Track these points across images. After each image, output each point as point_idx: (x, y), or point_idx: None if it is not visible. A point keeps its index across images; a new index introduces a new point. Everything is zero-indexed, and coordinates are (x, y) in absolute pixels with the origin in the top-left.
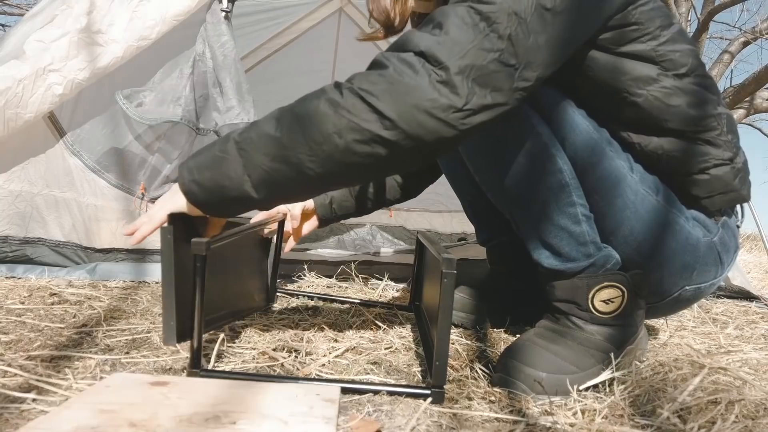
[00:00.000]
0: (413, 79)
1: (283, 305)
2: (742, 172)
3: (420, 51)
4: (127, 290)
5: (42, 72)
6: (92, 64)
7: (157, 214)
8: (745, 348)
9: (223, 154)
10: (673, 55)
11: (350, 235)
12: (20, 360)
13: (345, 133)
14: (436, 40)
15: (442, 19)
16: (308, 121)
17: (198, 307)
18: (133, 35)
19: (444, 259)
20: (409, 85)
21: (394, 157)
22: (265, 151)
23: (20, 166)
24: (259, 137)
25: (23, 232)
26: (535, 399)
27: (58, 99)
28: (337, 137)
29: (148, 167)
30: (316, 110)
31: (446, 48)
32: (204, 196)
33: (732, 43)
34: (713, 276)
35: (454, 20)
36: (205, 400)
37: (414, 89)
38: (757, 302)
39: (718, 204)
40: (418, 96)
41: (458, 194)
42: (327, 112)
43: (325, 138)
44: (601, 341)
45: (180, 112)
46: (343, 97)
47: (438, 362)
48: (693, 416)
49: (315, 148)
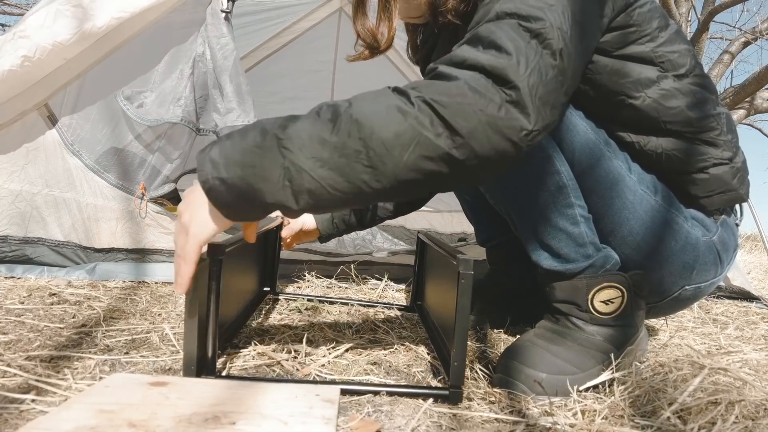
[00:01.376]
0: (485, 98)
1: (282, 306)
2: (741, 172)
3: (484, 69)
4: (126, 290)
5: (12, 37)
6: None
7: (190, 252)
8: (745, 348)
9: (260, 150)
10: (672, 55)
11: (350, 235)
12: (19, 360)
13: (412, 147)
14: (497, 59)
15: (493, 37)
16: (371, 127)
17: (213, 312)
18: (112, 7)
19: (461, 260)
20: (481, 103)
21: (454, 177)
22: (316, 155)
23: (20, 166)
24: (309, 138)
25: (23, 231)
26: (535, 399)
27: (20, 61)
28: (401, 149)
29: (147, 167)
30: (381, 116)
31: (512, 68)
32: (230, 198)
33: (732, 44)
34: (713, 275)
35: (508, 39)
36: (204, 400)
37: (487, 108)
38: (757, 303)
39: (716, 203)
40: (491, 115)
41: (458, 194)
42: (395, 119)
43: (388, 149)
44: (601, 342)
45: (180, 113)
46: (414, 105)
47: (456, 363)
48: (693, 417)
49: (374, 159)
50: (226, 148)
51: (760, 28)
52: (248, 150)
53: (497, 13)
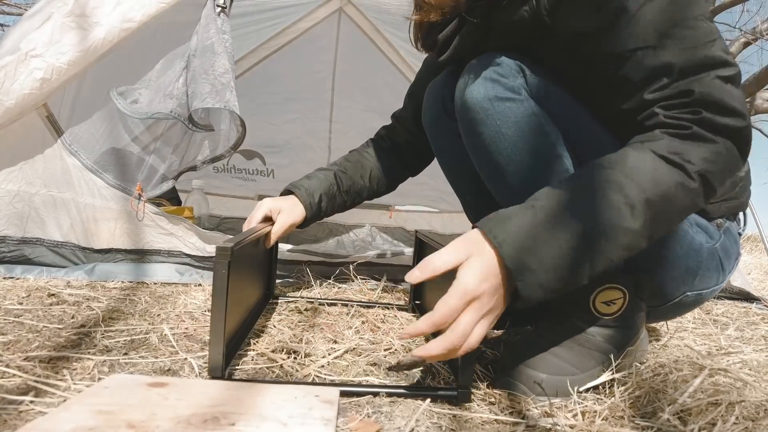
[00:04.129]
0: (736, 157)
1: (282, 307)
2: (743, 181)
3: (729, 133)
4: (125, 291)
5: (24, 57)
6: (74, 48)
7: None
8: (745, 349)
9: (576, 252)
10: None
11: (349, 236)
12: (18, 361)
13: (685, 216)
14: (736, 121)
15: (719, 98)
16: (665, 209)
17: (223, 313)
18: (117, 18)
19: None
20: (733, 162)
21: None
22: (623, 245)
23: (18, 166)
24: (613, 229)
25: (21, 232)
26: (535, 400)
27: (39, 84)
28: (679, 219)
29: (146, 167)
30: (672, 199)
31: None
32: (533, 274)
33: (732, 44)
34: (715, 282)
35: (727, 95)
36: (203, 401)
37: (734, 168)
38: (757, 303)
39: (720, 210)
40: (734, 171)
41: (458, 195)
42: (682, 201)
43: (669, 226)
44: (602, 342)
45: (170, 106)
46: (696, 182)
47: (464, 362)
48: (693, 418)
49: (654, 233)
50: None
51: (761, 29)
52: (567, 255)
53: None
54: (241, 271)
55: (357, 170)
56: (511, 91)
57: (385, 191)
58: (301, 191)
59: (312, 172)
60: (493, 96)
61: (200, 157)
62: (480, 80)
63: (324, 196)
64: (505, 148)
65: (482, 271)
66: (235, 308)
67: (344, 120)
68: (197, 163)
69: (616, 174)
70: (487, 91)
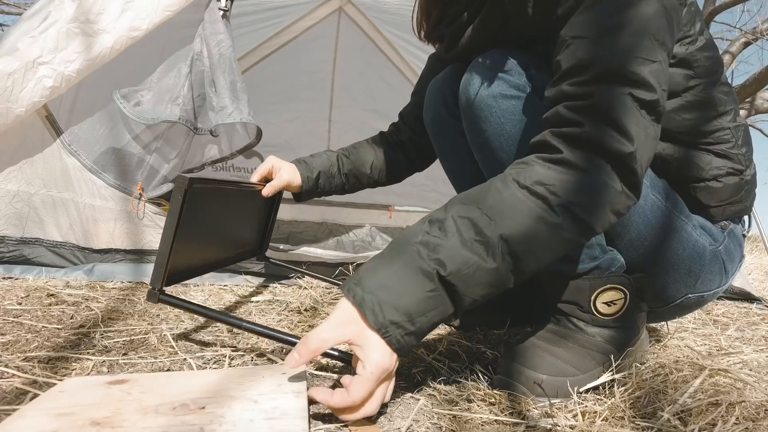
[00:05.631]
0: (612, 189)
1: (282, 307)
2: (749, 185)
3: (608, 154)
4: (124, 291)
5: (32, 65)
6: (82, 56)
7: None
8: (745, 350)
9: (435, 293)
10: (707, 61)
11: (349, 236)
12: (17, 361)
13: (557, 252)
14: (621, 143)
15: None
16: (527, 247)
17: (172, 235)
18: (124, 26)
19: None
20: (609, 196)
21: (566, 249)
22: (481, 282)
23: (17, 166)
24: (473, 270)
25: (20, 232)
26: (535, 401)
27: (48, 92)
28: (549, 255)
29: (146, 167)
30: (534, 235)
31: (636, 154)
32: (415, 341)
33: (733, 44)
34: (717, 285)
35: (629, 116)
36: (169, 391)
37: (613, 199)
38: (758, 304)
39: (725, 213)
40: (614, 203)
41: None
42: (547, 236)
43: (538, 262)
44: (602, 343)
45: (178, 112)
46: (559, 216)
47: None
48: (693, 418)
49: (523, 270)
50: (404, 302)
51: (761, 29)
52: (427, 299)
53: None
54: (210, 210)
55: (360, 157)
56: (516, 89)
57: (387, 182)
58: (302, 165)
59: (318, 152)
60: (498, 93)
61: (206, 158)
62: (485, 77)
63: (322, 174)
64: (508, 145)
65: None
66: (193, 243)
67: (344, 120)
68: (206, 162)
69: (473, 211)
70: (491, 88)
